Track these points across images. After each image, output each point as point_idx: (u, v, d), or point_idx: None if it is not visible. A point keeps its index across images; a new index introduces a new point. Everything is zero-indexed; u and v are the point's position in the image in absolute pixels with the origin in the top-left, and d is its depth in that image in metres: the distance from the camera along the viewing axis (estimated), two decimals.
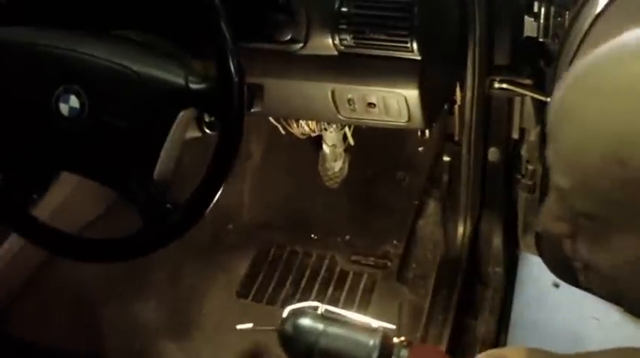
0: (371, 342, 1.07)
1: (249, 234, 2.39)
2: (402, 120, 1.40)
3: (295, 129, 1.91)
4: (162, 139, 1.17)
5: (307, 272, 2.26)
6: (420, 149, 2.22)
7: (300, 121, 1.86)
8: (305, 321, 1.11)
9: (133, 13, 1.36)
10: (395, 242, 2.24)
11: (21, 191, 1.33)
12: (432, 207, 2.15)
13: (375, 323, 1.11)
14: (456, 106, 1.70)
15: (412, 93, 1.34)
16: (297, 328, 1.11)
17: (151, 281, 2.15)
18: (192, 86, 1.13)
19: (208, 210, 1.16)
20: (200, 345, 2.08)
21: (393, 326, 1.11)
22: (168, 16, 1.33)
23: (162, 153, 1.18)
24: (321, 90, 1.40)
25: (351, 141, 2.04)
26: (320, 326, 1.10)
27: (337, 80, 1.38)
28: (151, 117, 1.17)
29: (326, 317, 1.11)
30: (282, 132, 1.94)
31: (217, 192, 1.16)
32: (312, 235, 2.35)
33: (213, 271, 2.27)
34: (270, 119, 1.87)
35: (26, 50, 1.24)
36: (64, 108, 1.19)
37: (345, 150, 2.14)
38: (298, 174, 2.39)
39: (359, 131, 2.02)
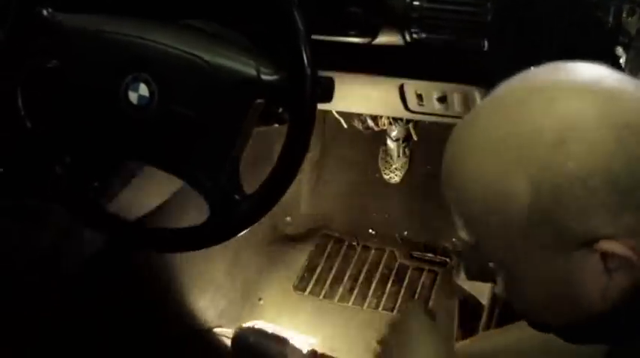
0: None
1: (308, 227, 2.39)
2: None
3: (358, 124, 1.91)
4: (232, 130, 1.17)
5: (365, 268, 2.26)
6: None
7: (364, 115, 1.85)
8: None
9: (204, 3, 1.35)
10: (453, 239, 2.22)
11: (87, 178, 1.34)
12: None
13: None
14: None
15: (480, 89, 1.33)
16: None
17: (209, 272, 2.15)
18: (264, 77, 1.13)
19: (276, 204, 1.16)
20: None
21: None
22: (240, 7, 1.32)
23: (232, 142, 1.18)
24: (390, 84, 1.39)
25: (414, 137, 2.03)
26: None
27: (406, 74, 1.37)
28: (221, 107, 1.16)
29: None
30: (345, 125, 1.94)
31: (288, 185, 1.16)
32: (371, 230, 2.35)
33: (271, 263, 2.28)
34: (333, 112, 1.87)
35: (94, 37, 1.24)
36: (133, 97, 1.19)
37: (408, 144, 2.13)
38: (358, 167, 2.39)
39: (420, 125, 2.01)
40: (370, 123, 1.91)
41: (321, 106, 1.25)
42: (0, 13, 1.30)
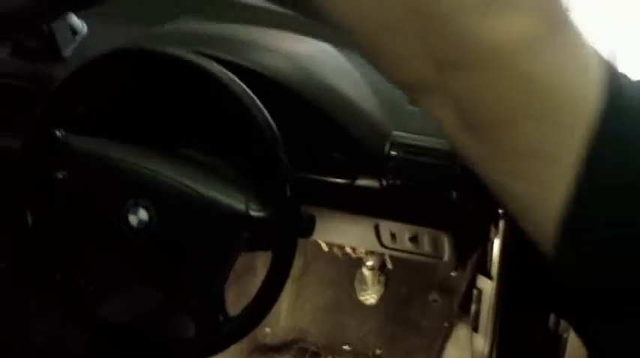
0: None
1: (286, 339, 2.47)
2: (438, 256, 1.50)
3: (337, 250, 2.01)
4: (220, 258, 1.29)
5: None
6: (454, 274, 2.31)
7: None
8: None
9: (198, 135, 1.47)
10: None
11: (83, 282, 1.44)
12: (462, 331, 2.23)
13: None
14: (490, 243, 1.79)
15: (448, 234, 1.45)
16: None
17: None
18: (252, 213, 1.24)
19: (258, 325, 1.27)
20: None
21: None
22: (233, 143, 1.44)
23: (219, 269, 1.30)
24: (366, 222, 1.50)
25: (390, 265, 2.14)
26: None
27: (381, 214, 1.48)
28: (211, 237, 1.28)
29: None
30: (325, 249, 2.05)
31: (268, 310, 1.27)
32: (345, 346, 2.43)
33: None
34: None
35: (102, 161, 1.36)
36: (133, 220, 1.30)
37: (383, 271, 2.23)
38: (336, 287, 2.48)
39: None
40: (348, 250, 2.02)
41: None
42: (19, 127, 1.42)
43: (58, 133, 1.38)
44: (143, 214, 1.30)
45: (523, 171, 0.57)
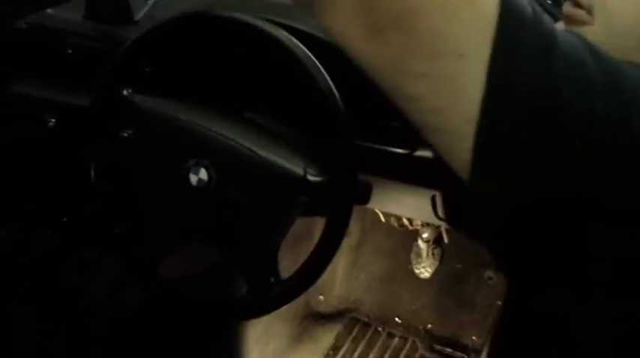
0: None
1: (338, 308, 2.50)
2: None
3: (394, 221, 2.02)
4: (276, 220, 1.32)
5: (387, 354, 2.35)
6: None
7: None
8: None
9: (262, 99, 1.49)
10: (474, 337, 2.32)
11: (140, 239, 1.49)
12: None
13: None
14: None
15: None
16: None
17: (238, 338, 2.26)
18: (310, 177, 1.26)
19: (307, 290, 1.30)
20: None
21: None
22: (294, 106, 1.45)
23: (274, 231, 1.32)
24: (423, 194, 1.52)
25: (446, 239, 2.14)
26: None
27: (438, 186, 1.49)
28: (269, 199, 1.31)
29: None
30: (382, 219, 2.06)
31: (318, 275, 1.29)
32: (397, 318, 2.44)
33: (300, 337, 2.38)
34: None
35: (166, 121, 1.39)
36: (193, 179, 1.33)
37: (439, 245, 2.24)
38: (392, 258, 2.50)
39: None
40: (405, 221, 2.02)
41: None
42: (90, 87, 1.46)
43: (125, 92, 1.41)
44: (203, 174, 1.32)
45: (431, 71, 0.57)
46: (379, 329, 2.44)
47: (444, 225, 1.73)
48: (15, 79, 1.77)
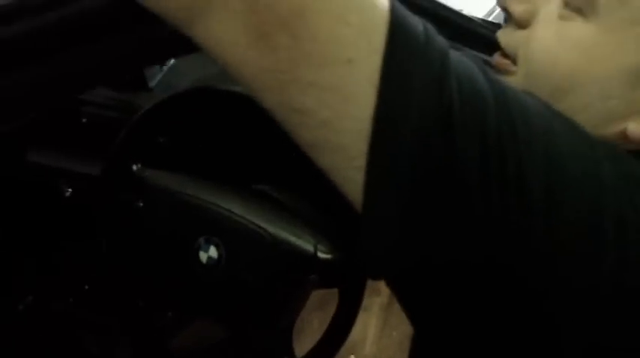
0: None
1: None
2: None
3: None
4: (288, 297, 1.28)
5: None
6: None
7: None
8: None
9: (272, 171, 1.47)
10: None
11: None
12: None
13: None
14: None
15: None
16: None
17: None
18: (321, 255, 1.23)
19: None
20: None
21: None
22: (305, 178, 1.43)
23: (286, 309, 1.28)
24: None
25: None
26: None
27: None
28: (280, 277, 1.27)
29: None
30: None
31: (333, 354, 1.25)
32: None
33: None
34: None
35: (175, 197, 1.36)
36: (203, 256, 1.30)
37: None
38: None
39: None
40: None
41: None
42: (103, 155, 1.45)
43: (134, 167, 1.40)
44: (213, 251, 1.30)
45: (320, 78, 0.55)
46: None
47: None
48: (30, 147, 1.76)
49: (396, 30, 0.56)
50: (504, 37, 0.82)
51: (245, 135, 1.48)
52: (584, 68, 0.73)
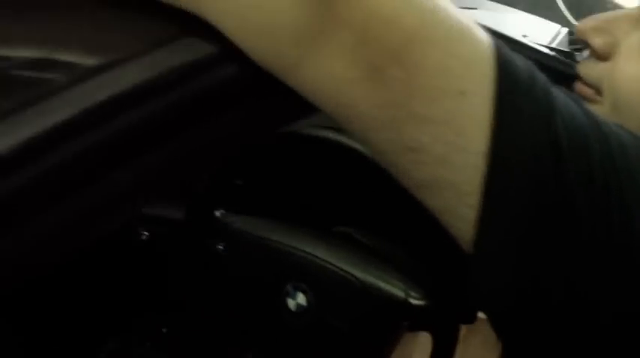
0: None
1: None
2: None
3: None
4: (378, 343, 1.26)
5: None
6: None
7: None
8: None
9: (357, 213, 1.45)
10: None
11: None
12: None
13: None
14: None
15: None
16: None
17: None
18: (412, 301, 1.21)
19: None
20: None
21: None
22: (391, 220, 1.41)
23: (376, 355, 1.26)
24: None
25: None
26: None
27: None
28: (369, 323, 1.25)
29: None
30: None
31: None
32: None
33: None
34: None
35: (260, 242, 1.35)
36: (291, 303, 1.29)
37: None
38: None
39: None
40: None
41: None
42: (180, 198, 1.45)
43: (217, 214, 1.39)
44: (301, 298, 1.28)
45: (434, 112, 0.54)
46: None
47: None
48: None
49: (503, 64, 0.56)
50: (585, 69, 0.83)
51: (325, 177, 1.48)
52: None
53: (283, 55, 0.56)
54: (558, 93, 0.60)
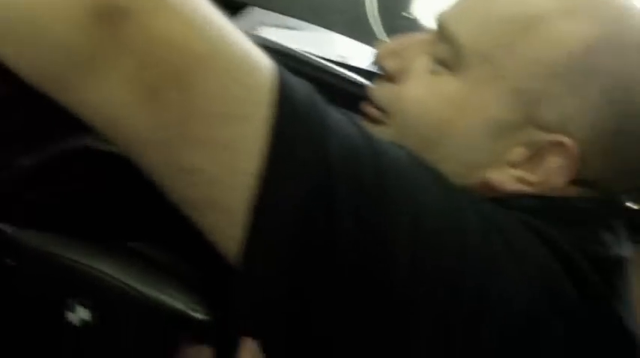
0: None
1: None
2: None
3: None
4: (161, 357, 1.26)
5: None
6: None
7: None
8: None
9: (149, 229, 1.45)
10: None
11: None
12: None
13: None
14: None
15: None
16: None
17: None
18: (193, 314, 1.22)
19: None
20: None
21: None
22: (180, 237, 1.42)
23: None
24: None
25: None
26: None
27: None
28: (152, 337, 1.26)
29: None
30: None
31: None
32: None
33: None
34: None
35: (47, 258, 1.34)
36: (73, 318, 1.27)
37: None
38: None
39: None
40: None
41: None
42: None
43: (9, 231, 1.36)
44: (84, 313, 1.27)
45: (211, 135, 0.56)
46: None
47: None
48: None
49: (284, 89, 0.58)
50: (376, 91, 0.85)
51: (119, 192, 1.47)
52: (452, 120, 0.77)
53: (60, 79, 0.56)
54: (336, 115, 0.62)
